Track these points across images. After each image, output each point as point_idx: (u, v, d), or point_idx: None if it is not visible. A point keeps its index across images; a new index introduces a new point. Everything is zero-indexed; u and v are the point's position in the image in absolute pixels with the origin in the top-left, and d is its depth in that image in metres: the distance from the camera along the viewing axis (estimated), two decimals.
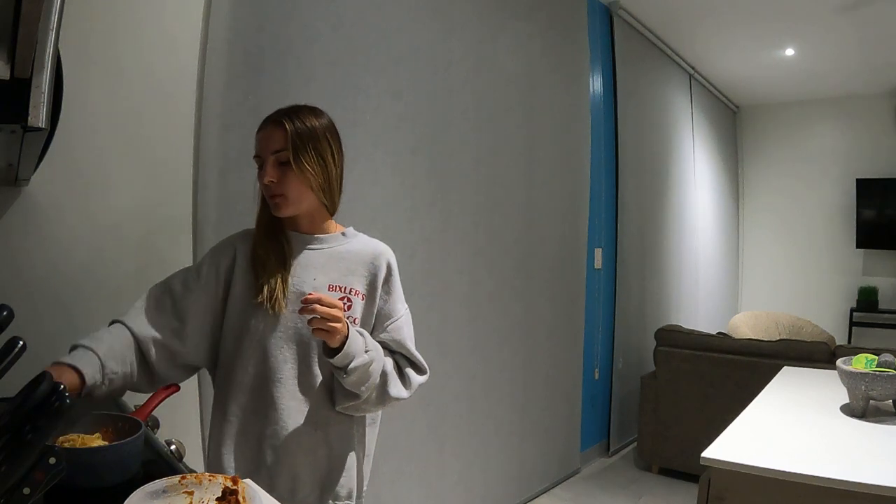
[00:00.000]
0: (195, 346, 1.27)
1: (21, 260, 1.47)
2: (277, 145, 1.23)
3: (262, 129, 1.27)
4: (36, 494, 0.66)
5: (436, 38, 2.60)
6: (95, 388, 1.12)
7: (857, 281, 6.12)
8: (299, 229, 1.31)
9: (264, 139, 1.25)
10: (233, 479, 0.97)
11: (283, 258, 1.27)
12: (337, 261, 1.31)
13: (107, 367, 1.13)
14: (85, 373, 1.09)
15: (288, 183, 1.24)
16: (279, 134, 1.23)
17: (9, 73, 0.73)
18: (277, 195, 1.24)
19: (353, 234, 1.36)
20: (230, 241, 1.34)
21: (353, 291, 1.30)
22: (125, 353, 1.18)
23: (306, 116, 1.26)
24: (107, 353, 1.14)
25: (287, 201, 1.25)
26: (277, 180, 1.23)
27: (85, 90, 1.53)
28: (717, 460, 1.52)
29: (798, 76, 5.59)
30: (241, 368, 1.26)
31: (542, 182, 3.29)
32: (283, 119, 1.24)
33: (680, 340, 3.66)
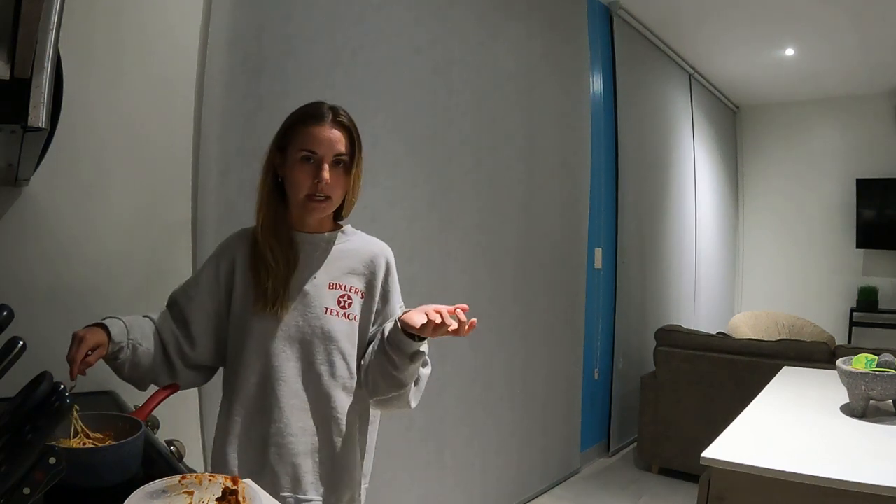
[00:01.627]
0: (203, 349, 1.30)
1: (21, 260, 1.47)
2: (343, 149, 1.25)
3: (320, 124, 1.25)
4: (36, 494, 0.66)
5: (436, 38, 2.60)
6: (122, 351, 1.18)
7: (857, 281, 6.11)
8: (305, 228, 1.31)
9: (327, 140, 1.24)
10: (233, 479, 0.97)
11: (289, 259, 1.27)
12: (336, 259, 1.31)
13: (132, 332, 1.20)
14: (112, 331, 1.17)
15: (339, 187, 1.26)
16: (346, 138, 1.25)
17: (9, 73, 0.73)
18: (325, 197, 1.24)
19: (351, 232, 1.36)
20: (228, 243, 1.35)
21: (353, 289, 1.30)
22: (149, 334, 1.25)
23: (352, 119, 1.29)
24: (132, 324, 1.22)
25: (331, 204, 1.26)
26: (334, 183, 1.24)
27: (85, 90, 1.53)
28: (717, 460, 1.52)
29: (798, 76, 5.59)
30: (244, 368, 1.27)
31: (542, 182, 3.29)
32: (348, 123, 1.26)
33: (680, 340, 3.66)
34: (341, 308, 1.29)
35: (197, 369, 1.33)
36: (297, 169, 1.24)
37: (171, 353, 1.27)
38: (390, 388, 1.26)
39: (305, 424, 1.26)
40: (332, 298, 1.28)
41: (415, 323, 1.14)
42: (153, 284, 1.70)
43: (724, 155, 6.39)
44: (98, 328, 1.17)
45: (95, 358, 1.14)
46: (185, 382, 1.32)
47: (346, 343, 1.28)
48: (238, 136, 1.89)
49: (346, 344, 1.28)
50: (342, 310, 1.29)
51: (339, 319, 1.28)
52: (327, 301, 1.28)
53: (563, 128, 3.50)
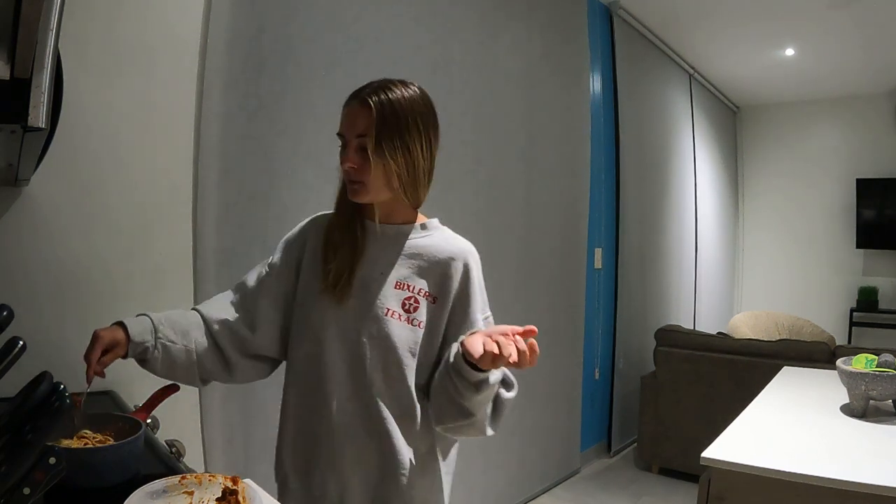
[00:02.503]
0: (264, 335, 1.21)
1: (21, 260, 1.47)
2: (361, 129, 1.11)
3: (348, 104, 1.15)
4: (36, 494, 0.66)
5: (436, 38, 2.60)
6: (147, 351, 1.12)
7: (857, 281, 6.12)
8: (374, 217, 1.19)
9: (349, 118, 1.14)
10: (233, 479, 0.97)
11: (355, 246, 1.17)
12: (409, 257, 1.18)
13: (160, 331, 1.13)
14: (131, 330, 1.11)
15: (370, 170, 1.11)
16: (365, 115, 1.11)
17: (9, 73, 0.73)
18: (356, 182, 1.13)
19: (434, 228, 1.23)
20: (302, 228, 1.27)
21: (422, 293, 1.17)
22: (189, 328, 1.17)
23: (397, 97, 1.12)
24: (162, 321, 1.15)
25: (365, 189, 1.14)
26: (358, 166, 1.12)
27: (85, 90, 1.53)
28: (717, 460, 1.52)
29: (798, 76, 5.59)
30: (300, 361, 1.19)
31: (542, 182, 3.29)
32: (371, 98, 1.11)
33: (680, 340, 3.66)
34: (405, 311, 1.15)
35: (256, 359, 1.24)
36: (340, 156, 1.16)
37: (223, 345, 1.19)
38: (457, 417, 1.10)
39: (356, 430, 1.15)
40: (397, 300, 1.15)
41: (474, 352, 0.99)
42: (153, 284, 1.71)
43: (724, 155, 6.39)
44: (118, 326, 1.11)
45: (111, 358, 1.09)
46: (243, 375, 1.24)
47: (405, 352, 1.14)
48: (238, 136, 1.89)
49: (405, 353, 1.14)
50: (406, 314, 1.15)
51: (401, 325, 1.14)
52: (390, 301, 1.15)
53: (563, 128, 3.49)
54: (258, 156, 1.95)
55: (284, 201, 2.01)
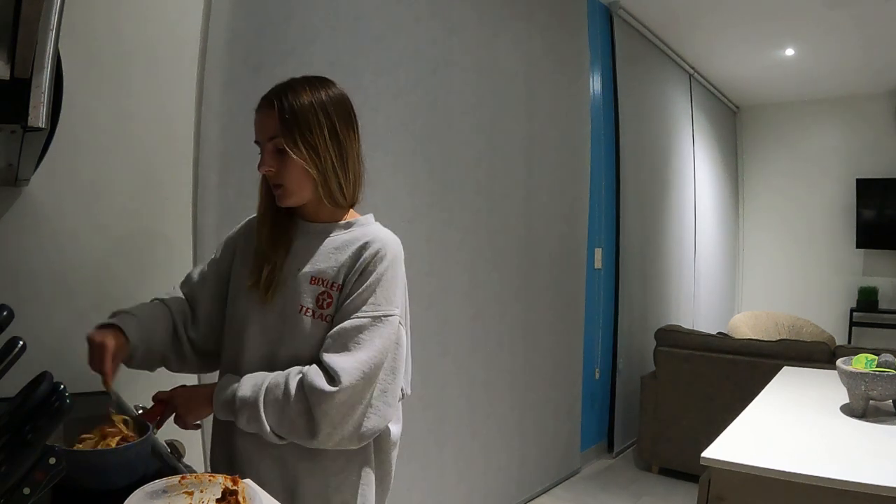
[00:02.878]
0: (206, 334, 1.26)
1: (21, 260, 1.47)
2: (272, 131, 1.11)
3: (257, 109, 1.15)
4: (36, 494, 0.66)
5: (436, 38, 2.60)
6: (136, 350, 1.15)
7: (857, 281, 6.12)
8: (301, 215, 1.21)
9: (259, 122, 1.14)
10: (233, 480, 0.97)
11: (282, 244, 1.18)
12: (328, 252, 1.16)
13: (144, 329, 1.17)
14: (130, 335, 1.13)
15: (287, 173, 1.12)
16: (272, 118, 1.11)
17: (9, 73, 0.73)
18: (276, 185, 1.14)
19: (363, 224, 1.21)
20: (239, 228, 1.31)
21: (335, 286, 1.14)
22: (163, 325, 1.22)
23: (299, 95, 1.11)
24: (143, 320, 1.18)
25: (287, 192, 1.14)
26: (276, 169, 1.12)
27: (85, 90, 1.53)
28: (717, 460, 1.52)
29: (798, 76, 5.59)
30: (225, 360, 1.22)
31: (542, 182, 3.29)
32: (275, 100, 1.11)
33: (680, 340, 3.66)
34: (319, 308, 1.13)
35: (203, 356, 1.28)
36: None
37: (181, 337, 1.24)
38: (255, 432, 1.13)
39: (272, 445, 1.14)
40: (311, 296, 1.13)
41: None
42: (153, 284, 1.70)
43: (724, 155, 6.39)
44: (113, 331, 1.11)
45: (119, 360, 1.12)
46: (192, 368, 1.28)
47: (314, 346, 1.12)
48: (238, 136, 1.89)
49: (315, 347, 1.12)
50: (319, 310, 1.13)
51: (314, 321, 1.13)
52: (305, 298, 1.13)
53: (563, 127, 3.50)
54: (258, 156, 1.94)
55: None
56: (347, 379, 1.05)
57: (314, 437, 1.07)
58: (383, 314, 1.11)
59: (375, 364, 1.08)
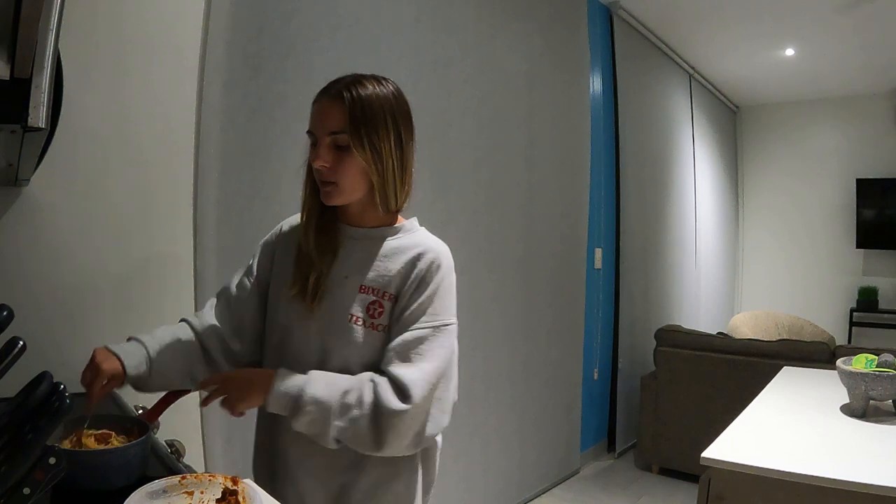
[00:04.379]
0: (251, 344, 1.20)
1: (21, 260, 1.47)
2: (334, 125, 1.06)
3: (318, 100, 1.09)
4: (36, 494, 0.66)
5: (436, 38, 2.60)
6: (141, 379, 1.11)
7: (857, 281, 6.12)
8: (348, 220, 1.15)
9: (320, 114, 1.08)
10: (233, 480, 0.97)
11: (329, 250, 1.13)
12: (378, 259, 1.13)
13: (153, 359, 1.11)
14: (127, 364, 1.08)
15: (344, 171, 1.07)
16: (338, 111, 1.06)
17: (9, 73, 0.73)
18: (329, 182, 1.08)
19: (410, 229, 1.17)
20: (276, 231, 1.24)
21: (387, 296, 1.11)
22: (183, 348, 1.16)
23: (370, 93, 1.07)
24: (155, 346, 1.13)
25: (339, 191, 1.09)
26: (331, 165, 1.07)
27: (85, 90, 1.53)
28: (717, 460, 1.52)
29: (798, 76, 5.59)
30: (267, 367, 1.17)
31: (542, 182, 3.29)
32: (345, 93, 1.06)
33: (680, 340, 3.66)
34: (370, 317, 1.10)
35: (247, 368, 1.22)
36: (309, 155, 1.10)
37: (215, 357, 1.18)
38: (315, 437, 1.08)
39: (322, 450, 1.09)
40: (361, 305, 1.10)
41: None
42: (153, 284, 1.71)
43: (724, 155, 6.39)
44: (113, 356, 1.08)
45: (110, 388, 1.08)
46: None
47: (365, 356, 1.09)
48: (238, 136, 1.89)
49: (365, 357, 1.10)
50: (370, 319, 1.10)
51: (365, 330, 1.09)
52: (354, 307, 1.10)
53: (563, 128, 3.49)
54: (258, 156, 1.95)
55: (284, 201, 2.01)
56: (418, 393, 1.03)
57: (379, 448, 1.04)
58: (442, 324, 1.10)
59: (439, 375, 1.07)
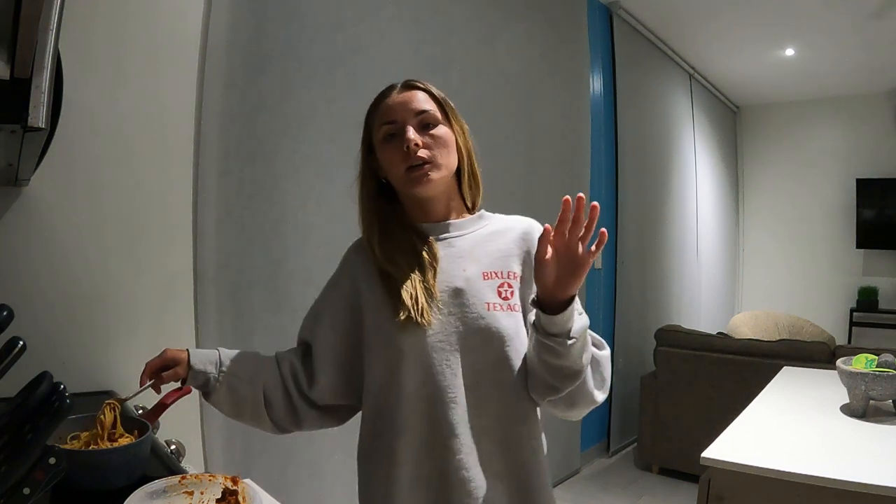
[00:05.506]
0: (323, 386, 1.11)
1: (21, 260, 1.47)
2: (422, 105, 1.07)
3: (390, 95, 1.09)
4: (36, 494, 0.66)
5: (436, 38, 2.60)
6: (209, 384, 1.07)
7: (857, 281, 6.12)
8: (431, 217, 1.10)
9: (404, 102, 1.07)
10: (233, 480, 0.97)
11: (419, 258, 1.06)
12: (485, 244, 1.10)
13: (227, 368, 1.08)
14: (193, 358, 1.06)
15: (437, 145, 1.05)
16: (421, 95, 1.08)
17: (9, 73, 0.73)
18: (422, 163, 1.04)
19: (489, 216, 1.17)
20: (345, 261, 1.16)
21: (512, 275, 1.07)
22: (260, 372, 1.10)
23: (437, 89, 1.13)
24: (232, 358, 1.09)
25: (435, 167, 1.04)
26: (423, 144, 1.05)
27: (85, 90, 1.53)
28: (717, 460, 1.52)
29: (798, 76, 5.59)
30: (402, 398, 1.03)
31: (542, 182, 3.29)
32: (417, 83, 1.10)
33: (680, 340, 3.66)
34: (503, 300, 1.05)
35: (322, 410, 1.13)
36: (386, 151, 1.06)
37: (291, 393, 1.11)
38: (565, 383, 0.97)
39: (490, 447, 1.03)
40: (492, 290, 1.05)
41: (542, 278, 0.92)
42: (153, 285, 1.71)
43: (725, 155, 6.39)
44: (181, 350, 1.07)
45: (169, 377, 1.05)
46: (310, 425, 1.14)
47: (517, 341, 1.04)
48: (238, 136, 1.89)
49: (517, 342, 1.04)
50: (505, 301, 1.05)
51: (505, 314, 1.04)
52: (487, 295, 1.04)
53: (563, 128, 3.50)
54: (258, 156, 1.95)
55: (284, 201, 2.01)
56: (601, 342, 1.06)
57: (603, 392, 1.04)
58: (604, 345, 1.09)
59: None
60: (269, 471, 1.98)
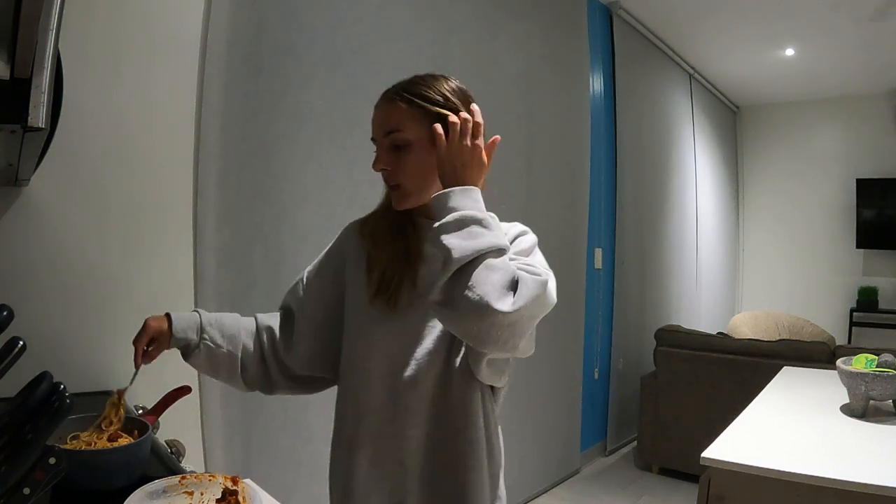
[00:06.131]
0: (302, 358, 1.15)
1: (21, 260, 1.47)
2: (390, 125, 1.03)
3: (376, 106, 1.08)
4: (36, 494, 0.66)
5: (436, 38, 2.60)
6: (189, 347, 1.10)
7: (857, 281, 6.12)
8: (427, 214, 1.08)
9: (377, 118, 1.06)
10: (233, 480, 0.97)
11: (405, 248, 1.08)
12: None
13: (206, 331, 1.11)
14: (175, 326, 1.09)
15: (404, 171, 1.04)
16: (393, 111, 1.04)
17: (9, 73, 0.73)
18: (393, 186, 1.06)
19: None
20: (342, 237, 1.19)
21: None
22: (237, 333, 1.14)
23: (427, 86, 1.05)
24: (212, 321, 1.13)
25: (405, 192, 1.05)
26: (392, 168, 1.04)
27: (85, 90, 1.53)
28: (717, 460, 1.52)
29: (798, 76, 5.59)
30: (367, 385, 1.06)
31: (542, 182, 3.29)
32: (398, 93, 1.05)
33: (680, 340, 3.66)
34: None
35: (297, 381, 1.17)
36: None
37: (268, 360, 1.15)
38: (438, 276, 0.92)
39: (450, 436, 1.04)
40: None
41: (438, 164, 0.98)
42: (153, 285, 1.71)
43: (725, 155, 6.39)
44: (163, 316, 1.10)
45: (157, 350, 1.09)
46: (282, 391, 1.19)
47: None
48: (238, 136, 1.89)
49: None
50: None
51: None
52: None
53: (563, 128, 3.49)
54: (258, 156, 1.95)
55: (284, 201, 2.01)
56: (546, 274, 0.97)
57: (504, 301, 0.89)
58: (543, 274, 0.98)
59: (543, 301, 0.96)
60: (269, 471, 1.97)
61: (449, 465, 1.04)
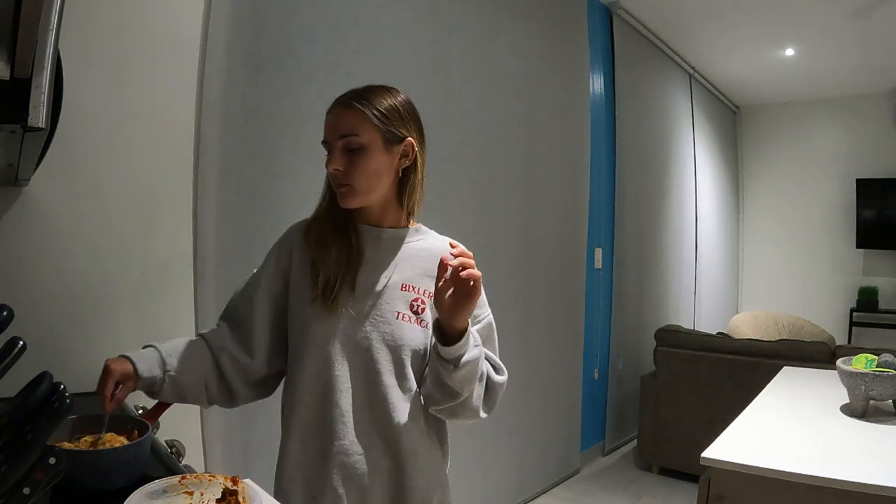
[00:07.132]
0: (263, 360, 1.19)
1: (21, 260, 1.47)
2: (345, 129, 1.11)
3: (330, 111, 1.15)
4: (36, 494, 0.66)
5: (436, 38, 2.60)
6: (154, 384, 1.10)
7: (857, 281, 6.12)
8: (367, 220, 1.18)
9: (332, 121, 1.14)
10: (233, 480, 0.97)
11: (349, 250, 1.14)
12: (409, 258, 1.18)
13: (168, 364, 1.11)
14: (139, 367, 1.08)
15: (357, 172, 1.11)
16: (349, 116, 1.11)
17: (9, 73, 0.73)
18: (343, 185, 1.12)
19: (425, 231, 1.25)
20: (287, 236, 1.23)
21: (427, 293, 1.15)
22: (197, 358, 1.15)
23: (379, 99, 1.13)
24: (170, 353, 1.13)
25: (353, 192, 1.12)
26: (344, 168, 1.11)
27: (85, 90, 1.53)
28: (717, 460, 1.52)
29: (798, 76, 5.59)
30: (303, 378, 1.14)
31: (542, 182, 3.29)
32: (354, 100, 1.12)
33: (680, 340, 3.66)
34: (414, 313, 1.14)
35: (257, 386, 1.21)
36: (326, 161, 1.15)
37: (228, 377, 1.17)
38: (446, 398, 1.10)
39: (373, 441, 1.12)
40: (405, 302, 1.14)
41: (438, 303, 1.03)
42: (153, 284, 1.71)
43: (725, 155, 6.39)
44: (127, 360, 1.08)
45: (124, 394, 1.07)
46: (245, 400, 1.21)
47: (418, 352, 1.14)
48: (238, 135, 1.89)
49: (418, 353, 1.14)
50: (415, 315, 1.14)
51: (412, 326, 1.13)
52: (399, 305, 1.14)
53: (563, 128, 3.50)
54: (258, 156, 1.95)
55: (284, 201, 2.01)
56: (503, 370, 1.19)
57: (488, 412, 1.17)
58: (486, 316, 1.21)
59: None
60: (270, 471, 1.97)
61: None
